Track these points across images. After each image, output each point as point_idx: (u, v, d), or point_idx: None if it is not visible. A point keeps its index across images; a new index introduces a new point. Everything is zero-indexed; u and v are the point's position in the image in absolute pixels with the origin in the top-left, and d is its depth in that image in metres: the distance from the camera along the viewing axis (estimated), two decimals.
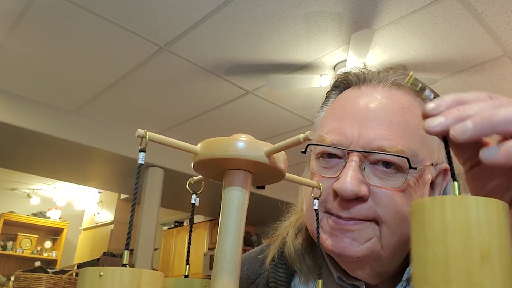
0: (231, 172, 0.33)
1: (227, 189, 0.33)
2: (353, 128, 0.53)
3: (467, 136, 0.30)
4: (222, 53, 2.63)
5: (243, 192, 0.33)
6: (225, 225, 0.32)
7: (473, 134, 0.30)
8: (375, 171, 0.52)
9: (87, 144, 3.67)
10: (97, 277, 0.26)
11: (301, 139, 0.30)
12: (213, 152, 0.32)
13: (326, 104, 0.64)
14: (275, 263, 0.64)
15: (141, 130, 0.30)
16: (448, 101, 0.33)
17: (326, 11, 2.21)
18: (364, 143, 0.52)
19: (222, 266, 0.31)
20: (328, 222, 0.53)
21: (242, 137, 0.32)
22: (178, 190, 4.65)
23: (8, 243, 6.12)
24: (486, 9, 2.13)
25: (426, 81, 2.50)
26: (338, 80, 0.63)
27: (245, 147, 0.32)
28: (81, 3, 2.23)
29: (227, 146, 0.32)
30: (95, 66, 2.88)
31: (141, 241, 3.89)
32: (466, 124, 0.30)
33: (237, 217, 0.32)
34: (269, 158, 0.32)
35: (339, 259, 0.55)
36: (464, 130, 0.30)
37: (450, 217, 0.27)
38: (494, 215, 0.27)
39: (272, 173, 0.34)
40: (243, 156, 0.31)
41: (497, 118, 0.30)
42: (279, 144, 0.31)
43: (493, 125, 0.30)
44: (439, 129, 0.31)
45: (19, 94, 3.35)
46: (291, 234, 0.63)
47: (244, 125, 3.64)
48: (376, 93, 0.56)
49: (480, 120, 0.30)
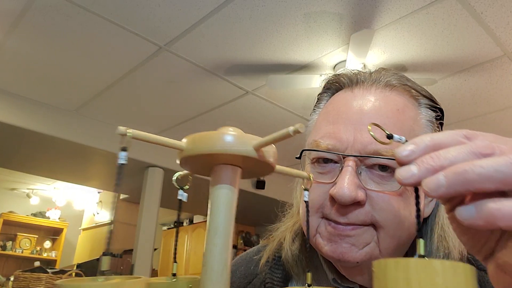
0: (218, 168, 0.32)
1: (215, 186, 0.32)
2: (348, 132, 0.53)
3: (440, 193, 0.28)
4: (222, 53, 2.63)
5: (231, 189, 0.32)
6: (214, 223, 0.31)
7: (446, 192, 0.28)
8: (372, 175, 0.51)
9: (86, 144, 3.67)
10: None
11: (291, 132, 0.28)
12: (199, 148, 0.30)
13: (318, 107, 0.64)
14: (271, 265, 0.64)
15: (122, 127, 0.29)
16: (422, 147, 0.30)
17: (326, 11, 2.21)
18: (360, 148, 0.51)
19: (212, 266, 0.30)
20: (326, 228, 0.52)
21: (230, 130, 0.31)
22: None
23: (7, 243, 6.12)
24: (486, 9, 2.13)
25: (426, 81, 2.51)
26: (329, 82, 0.62)
27: (232, 141, 0.30)
28: (81, 3, 2.23)
29: (214, 141, 0.30)
30: (95, 66, 2.88)
31: (141, 241, 3.89)
32: (439, 179, 0.28)
33: (225, 215, 0.31)
34: (258, 152, 0.31)
35: (338, 264, 0.55)
36: (437, 187, 0.28)
37: (415, 283, 0.25)
38: (461, 281, 0.25)
39: (262, 167, 0.33)
40: (230, 151, 0.30)
41: (471, 175, 0.27)
42: (267, 137, 0.30)
43: (467, 183, 0.27)
44: (412, 181, 0.30)
45: (19, 94, 3.35)
46: (288, 239, 0.62)
47: (244, 125, 3.64)
48: (370, 95, 0.56)
49: (453, 175, 0.28)
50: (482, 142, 0.30)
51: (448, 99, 2.99)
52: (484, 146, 0.29)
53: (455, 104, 3.09)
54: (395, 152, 0.31)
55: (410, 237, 0.53)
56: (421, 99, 0.58)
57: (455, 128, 0.32)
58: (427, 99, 0.59)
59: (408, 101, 0.57)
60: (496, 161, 0.27)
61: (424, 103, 0.58)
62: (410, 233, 0.53)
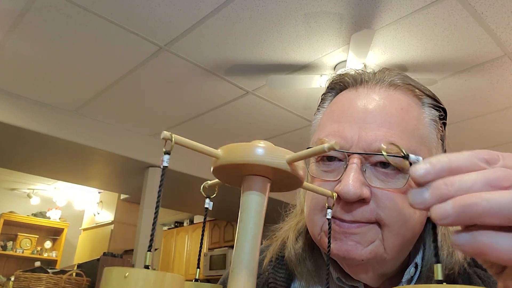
0: (249, 178, 0.34)
1: (245, 194, 0.33)
2: (352, 130, 0.53)
3: (446, 223, 0.28)
4: (222, 53, 2.63)
5: (262, 197, 0.33)
6: (244, 230, 0.32)
7: (453, 222, 0.28)
8: (377, 173, 0.51)
9: (87, 144, 3.66)
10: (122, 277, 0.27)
11: (326, 148, 0.30)
12: (234, 157, 0.32)
13: (322, 107, 0.64)
14: (274, 264, 0.64)
15: (166, 132, 0.30)
16: (438, 167, 0.29)
17: (326, 12, 2.21)
18: (365, 145, 0.51)
19: (240, 271, 0.31)
20: (332, 227, 0.52)
21: (261, 143, 0.33)
22: (178, 190, 4.65)
23: (8, 243, 6.12)
24: (486, 10, 2.13)
25: (426, 82, 2.51)
26: (333, 82, 0.62)
27: (266, 153, 0.32)
28: (81, 3, 2.23)
29: (248, 152, 0.32)
30: (95, 66, 2.88)
31: (141, 241, 3.89)
32: (446, 209, 0.28)
33: (255, 222, 0.32)
34: (291, 165, 0.32)
35: (343, 262, 0.55)
36: (443, 217, 0.28)
37: None
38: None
39: (291, 181, 0.34)
40: (263, 162, 0.32)
41: (479, 209, 0.27)
42: (302, 152, 0.32)
43: (474, 217, 0.27)
44: (423, 207, 0.30)
45: (19, 94, 3.35)
46: (292, 238, 0.62)
47: (244, 125, 3.64)
48: (374, 94, 0.56)
49: (460, 207, 0.27)
50: (502, 172, 0.28)
51: (448, 99, 2.99)
52: (502, 177, 0.28)
53: (455, 104, 3.09)
54: (411, 170, 0.30)
55: (414, 235, 0.53)
56: (425, 99, 0.59)
57: (455, 128, 0.31)
58: (430, 98, 0.59)
59: (412, 100, 0.57)
60: (506, 197, 0.27)
61: (428, 102, 0.59)
62: (415, 231, 0.53)
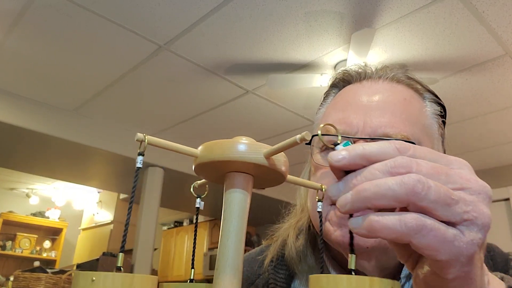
0: (231, 175, 0.33)
1: (228, 192, 0.33)
2: (358, 117, 0.54)
3: (346, 210, 0.30)
4: (222, 52, 2.62)
5: (244, 194, 0.33)
6: (227, 228, 0.32)
7: (351, 209, 0.30)
8: None
9: (86, 144, 3.66)
10: (90, 282, 0.26)
11: (298, 139, 0.30)
12: (213, 155, 0.32)
13: (325, 102, 0.65)
14: (275, 264, 0.63)
15: (140, 134, 0.30)
16: (353, 154, 0.31)
17: (327, 10, 2.21)
18: (370, 131, 0.53)
19: (225, 270, 0.31)
20: (336, 213, 0.53)
21: (243, 139, 0.33)
22: (178, 190, 4.65)
23: (7, 243, 6.11)
24: (487, 8, 2.12)
25: (427, 81, 2.50)
26: (337, 79, 0.64)
27: (244, 149, 0.32)
28: (80, 3, 2.22)
29: (226, 149, 0.32)
30: (94, 66, 2.87)
31: (141, 241, 3.88)
32: (347, 197, 0.30)
33: (238, 219, 0.32)
34: (268, 160, 0.32)
35: (347, 251, 0.54)
36: (344, 204, 0.30)
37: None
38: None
39: (273, 176, 0.34)
40: (241, 158, 0.31)
41: (368, 193, 0.29)
42: (276, 145, 0.32)
43: (366, 201, 0.29)
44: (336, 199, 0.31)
45: (19, 94, 3.34)
46: (292, 236, 0.63)
47: (244, 125, 3.63)
48: (378, 86, 0.58)
49: (356, 193, 0.29)
50: (402, 160, 0.30)
51: (449, 98, 2.99)
52: (401, 164, 0.29)
53: (456, 103, 3.08)
54: (329, 156, 0.31)
55: None
56: (426, 94, 0.61)
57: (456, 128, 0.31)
58: (431, 94, 0.61)
59: (414, 93, 0.59)
60: (392, 180, 0.28)
61: (429, 97, 0.60)
62: None
